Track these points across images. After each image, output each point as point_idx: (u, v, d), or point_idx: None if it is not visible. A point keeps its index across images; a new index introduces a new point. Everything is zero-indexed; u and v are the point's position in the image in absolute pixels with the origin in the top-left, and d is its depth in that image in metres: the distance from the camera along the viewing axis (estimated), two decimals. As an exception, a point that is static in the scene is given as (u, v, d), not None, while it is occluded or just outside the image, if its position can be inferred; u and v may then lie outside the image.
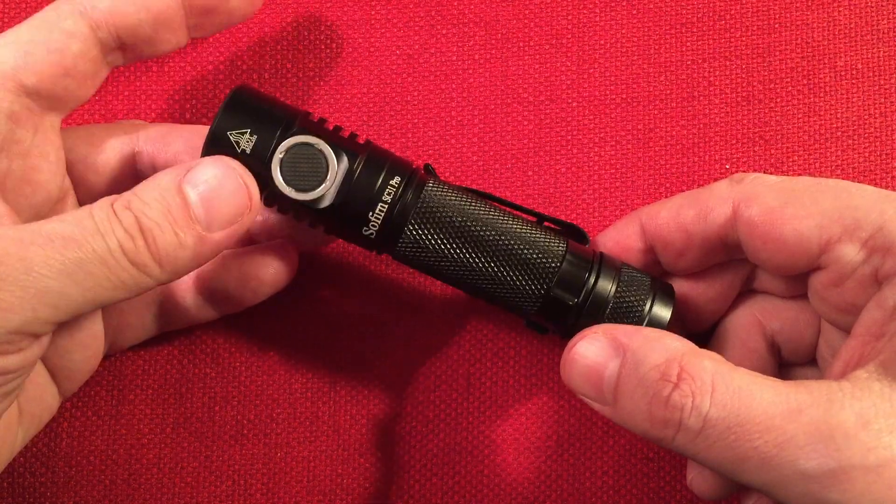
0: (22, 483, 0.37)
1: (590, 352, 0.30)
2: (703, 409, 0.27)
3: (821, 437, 0.26)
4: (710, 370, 0.28)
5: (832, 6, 0.41)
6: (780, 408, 0.27)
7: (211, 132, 0.30)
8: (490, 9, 0.41)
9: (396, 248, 0.32)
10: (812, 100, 0.40)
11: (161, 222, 0.28)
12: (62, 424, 0.38)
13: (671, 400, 0.28)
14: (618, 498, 0.38)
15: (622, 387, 0.29)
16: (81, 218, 0.27)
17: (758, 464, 0.27)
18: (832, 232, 0.30)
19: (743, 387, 0.27)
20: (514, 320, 0.39)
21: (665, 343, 0.29)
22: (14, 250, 0.26)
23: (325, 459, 0.38)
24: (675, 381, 0.28)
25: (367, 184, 0.31)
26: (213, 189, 0.29)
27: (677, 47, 0.41)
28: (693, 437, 0.27)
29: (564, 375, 0.31)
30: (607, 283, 0.32)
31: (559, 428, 0.39)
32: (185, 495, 0.38)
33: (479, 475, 0.38)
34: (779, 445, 0.26)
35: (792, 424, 0.26)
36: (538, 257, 0.32)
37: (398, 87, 0.40)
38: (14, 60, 0.29)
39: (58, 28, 0.30)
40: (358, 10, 0.41)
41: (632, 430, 0.29)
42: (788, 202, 0.31)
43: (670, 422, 0.28)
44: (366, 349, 0.39)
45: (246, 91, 0.32)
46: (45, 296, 0.26)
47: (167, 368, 0.38)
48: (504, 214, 0.33)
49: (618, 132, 0.40)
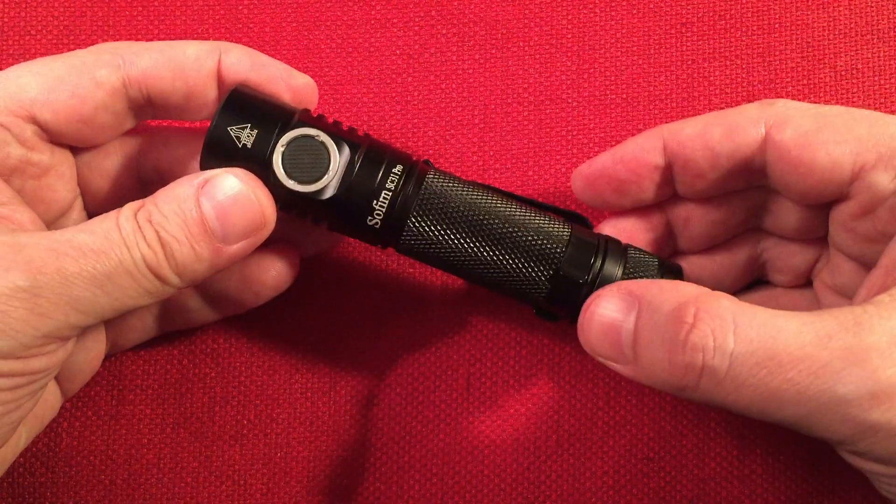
0: (22, 483, 0.37)
1: (606, 309, 0.29)
2: (728, 347, 0.26)
3: (856, 360, 0.25)
4: (730, 308, 0.27)
5: (832, 6, 0.41)
6: (808, 336, 0.26)
7: (211, 128, 0.30)
8: (490, 9, 0.41)
9: (400, 240, 0.32)
10: (812, 100, 0.40)
11: (179, 236, 0.29)
12: (62, 424, 0.38)
13: (689, 341, 0.27)
14: (618, 498, 0.38)
15: (640, 339, 0.28)
16: (109, 230, 0.28)
17: (793, 396, 0.26)
18: (866, 159, 0.29)
19: (767, 320, 0.26)
20: (513, 320, 0.39)
21: (679, 288, 0.28)
22: (51, 261, 0.27)
23: (325, 459, 0.38)
24: (691, 321, 0.27)
25: (370, 173, 0.31)
26: (228, 202, 0.29)
27: (677, 47, 0.41)
28: (720, 379, 0.26)
29: (583, 339, 0.30)
30: (614, 264, 0.32)
31: (559, 428, 0.39)
32: (185, 495, 0.38)
33: (479, 475, 0.38)
34: (814, 374, 0.25)
35: (825, 351, 0.25)
36: (543, 242, 0.32)
37: (398, 87, 0.40)
38: (36, 92, 0.30)
39: (89, 74, 0.30)
40: (358, 10, 0.41)
41: (656, 387, 0.28)
42: (823, 127, 0.30)
43: (692, 366, 0.27)
44: (366, 349, 0.39)
45: (245, 89, 0.32)
46: (77, 303, 0.27)
47: (167, 368, 0.38)
48: (507, 202, 0.32)
49: (618, 132, 0.40)
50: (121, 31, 0.40)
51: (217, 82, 0.32)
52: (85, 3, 0.40)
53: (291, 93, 0.32)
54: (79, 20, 0.40)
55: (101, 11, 0.40)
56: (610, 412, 0.39)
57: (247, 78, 0.32)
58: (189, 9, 0.40)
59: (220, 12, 0.40)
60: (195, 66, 0.31)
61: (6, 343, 0.26)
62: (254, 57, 0.32)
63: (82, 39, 0.40)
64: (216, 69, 0.31)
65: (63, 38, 0.40)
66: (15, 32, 0.40)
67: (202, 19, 0.40)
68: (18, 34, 0.40)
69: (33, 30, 0.40)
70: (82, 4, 0.40)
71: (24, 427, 0.32)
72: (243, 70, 0.32)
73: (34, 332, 0.27)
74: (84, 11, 0.40)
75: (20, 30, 0.40)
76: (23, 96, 0.29)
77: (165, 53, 0.31)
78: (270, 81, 0.32)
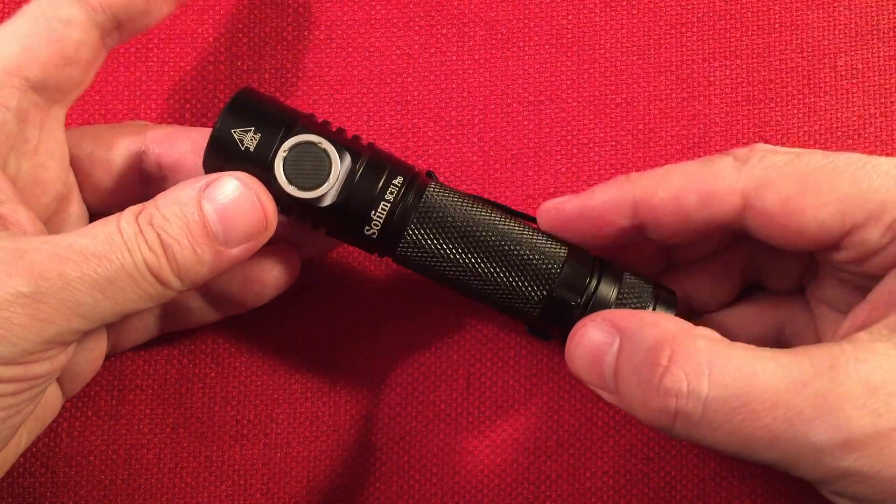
0: (22, 483, 0.37)
1: (591, 337, 0.29)
2: (702, 392, 0.26)
3: (829, 409, 0.25)
4: (706, 350, 0.26)
5: (832, 6, 0.41)
6: (784, 381, 0.26)
7: (215, 129, 0.30)
8: (490, 9, 0.41)
9: (397, 250, 0.32)
10: (812, 100, 0.40)
11: (180, 239, 0.29)
12: (62, 424, 0.38)
13: (662, 386, 0.26)
14: (618, 498, 0.38)
15: (620, 374, 0.28)
16: (110, 235, 0.28)
17: (769, 442, 0.26)
18: (856, 217, 0.29)
19: (743, 363, 0.26)
20: (514, 322, 0.39)
21: (659, 325, 0.28)
22: (52, 266, 0.27)
23: (325, 459, 0.38)
24: (665, 363, 0.27)
25: (370, 183, 0.31)
26: (230, 205, 0.29)
27: (677, 47, 0.41)
28: (695, 423, 0.26)
29: (569, 363, 0.30)
30: (609, 287, 0.32)
31: (559, 428, 0.39)
32: (185, 495, 0.38)
33: (479, 475, 0.38)
34: (788, 421, 0.25)
35: (799, 397, 0.25)
36: (539, 260, 0.32)
37: (398, 87, 0.40)
38: (16, 55, 0.29)
39: (55, 17, 0.30)
40: (358, 10, 0.41)
41: (638, 420, 0.28)
42: (805, 190, 0.29)
43: (665, 410, 0.27)
44: (366, 349, 0.39)
45: (250, 92, 0.32)
46: (79, 308, 0.27)
47: (167, 369, 0.38)
48: (505, 218, 0.32)
49: (618, 132, 0.40)
50: (121, 31, 0.40)
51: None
52: (85, 4, 0.40)
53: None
54: (79, 20, 0.40)
55: (101, 11, 0.40)
56: (610, 412, 0.39)
57: None
58: (189, 9, 0.40)
59: (220, 12, 0.40)
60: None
61: (8, 349, 0.26)
62: None
63: (82, 39, 0.40)
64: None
65: (63, 38, 0.40)
66: (15, 32, 0.40)
67: (202, 19, 0.40)
68: (18, 34, 0.40)
69: (33, 30, 0.40)
70: (82, 4, 0.40)
71: (24, 428, 0.32)
72: None
73: (36, 338, 0.27)
74: (84, 11, 0.40)
75: (20, 30, 0.40)
76: (7, 63, 0.29)
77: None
78: None
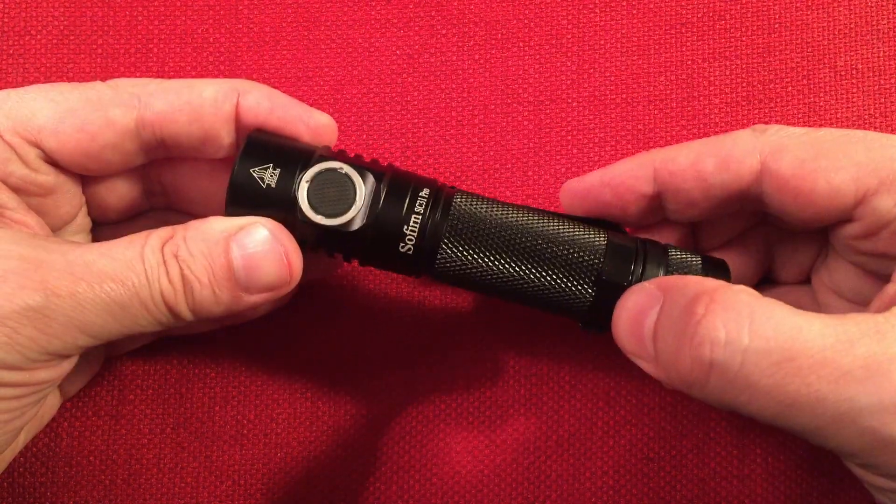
0: (22, 483, 0.37)
1: (636, 300, 0.28)
2: (742, 342, 0.24)
3: (879, 370, 0.24)
4: (747, 302, 0.25)
5: (832, 6, 0.41)
6: (830, 339, 0.24)
7: (234, 173, 0.30)
8: (490, 9, 0.41)
9: (435, 265, 0.31)
10: (812, 100, 0.40)
11: (202, 277, 0.28)
12: (62, 424, 0.38)
13: (698, 333, 0.25)
14: (618, 498, 0.38)
15: (658, 333, 0.27)
16: (132, 260, 0.28)
17: (811, 403, 0.24)
18: (868, 184, 0.29)
19: (786, 318, 0.25)
20: (514, 320, 0.39)
21: (703, 282, 0.27)
22: (66, 284, 0.27)
23: (325, 459, 0.38)
24: (702, 312, 0.25)
25: (397, 199, 0.30)
26: (258, 255, 0.29)
27: (677, 47, 0.41)
28: (731, 377, 0.25)
29: (615, 336, 0.29)
30: (655, 268, 0.31)
31: (559, 428, 0.39)
32: (185, 495, 0.38)
33: (479, 475, 0.38)
34: (835, 381, 0.24)
35: (847, 357, 0.24)
36: (581, 253, 0.31)
37: (398, 87, 0.40)
38: (45, 120, 0.29)
39: (103, 111, 0.29)
40: (358, 10, 0.41)
41: (676, 387, 0.27)
42: (820, 154, 0.29)
43: (699, 360, 0.25)
44: (366, 350, 0.39)
45: (261, 133, 0.31)
46: (87, 328, 0.27)
47: (167, 368, 0.38)
48: (537, 218, 0.32)
49: (618, 132, 0.40)
50: (121, 31, 0.40)
51: (235, 125, 0.31)
52: (85, 4, 0.40)
53: (311, 132, 0.31)
54: (79, 20, 0.40)
55: (101, 12, 0.40)
56: (610, 412, 0.39)
57: (266, 120, 0.31)
58: (189, 9, 0.40)
59: (220, 13, 0.40)
60: (212, 110, 0.30)
61: (12, 357, 0.26)
62: (273, 98, 0.31)
63: (82, 40, 0.40)
64: (234, 112, 0.31)
65: (63, 38, 0.40)
66: (15, 32, 0.40)
67: (202, 20, 0.40)
68: (18, 34, 0.40)
69: (33, 30, 0.40)
70: (82, 4, 0.40)
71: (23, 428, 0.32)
72: (262, 112, 0.31)
73: (40, 350, 0.27)
74: (84, 12, 0.40)
75: (20, 30, 0.40)
76: (32, 121, 0.29)
77: (182, 96, 0.30)
78: (290, 122, 0.31)
